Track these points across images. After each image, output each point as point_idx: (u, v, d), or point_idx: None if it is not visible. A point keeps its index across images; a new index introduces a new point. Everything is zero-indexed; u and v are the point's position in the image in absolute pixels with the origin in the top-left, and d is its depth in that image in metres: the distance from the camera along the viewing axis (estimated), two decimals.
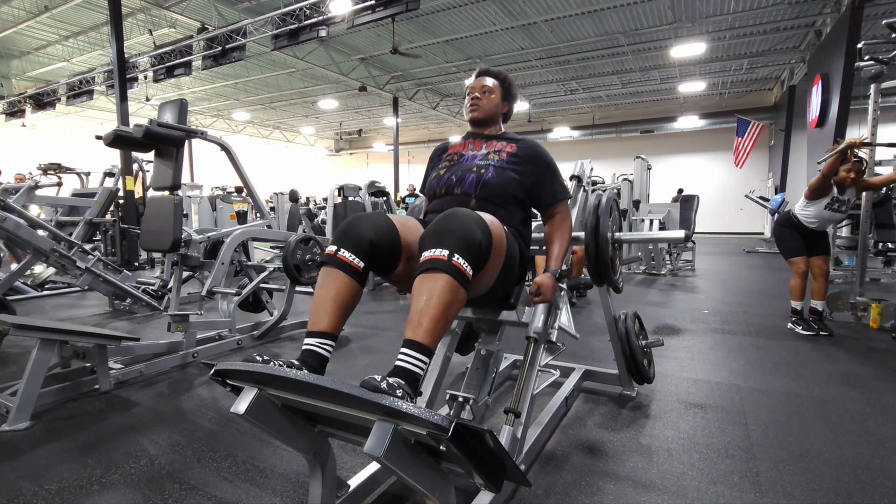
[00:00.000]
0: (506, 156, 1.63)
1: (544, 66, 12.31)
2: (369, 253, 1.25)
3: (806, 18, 9.24)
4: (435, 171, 1.72)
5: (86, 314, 4.42)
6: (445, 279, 1.12)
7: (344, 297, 1.22)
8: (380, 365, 2.88)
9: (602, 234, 1.82)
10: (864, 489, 1.58)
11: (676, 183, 14.90)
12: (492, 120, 1.74)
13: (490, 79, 1.73)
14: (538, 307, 1.64)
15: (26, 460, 1.78)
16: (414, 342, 1.10)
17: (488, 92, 1.72)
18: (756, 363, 2.91)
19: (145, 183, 7.23)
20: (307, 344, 1.20)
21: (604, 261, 1.83)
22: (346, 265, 1.23)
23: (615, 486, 1.61)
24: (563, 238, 1.65)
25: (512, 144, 1.67)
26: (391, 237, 1.30)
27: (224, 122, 19.53)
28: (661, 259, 6.94)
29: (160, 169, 2.96)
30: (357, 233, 1.25)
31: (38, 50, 11.70)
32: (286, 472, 1.69)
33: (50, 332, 2.14)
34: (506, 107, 1.77)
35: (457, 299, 1.14)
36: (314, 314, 1.21)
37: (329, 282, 1.23)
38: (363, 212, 1.38)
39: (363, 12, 7.34)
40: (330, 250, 1.25)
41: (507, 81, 1.76)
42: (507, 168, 1.60)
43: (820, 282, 3.56)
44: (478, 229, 1.19)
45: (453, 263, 1.12)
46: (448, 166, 1.67)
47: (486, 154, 1.65)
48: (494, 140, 1.71)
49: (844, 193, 3.46)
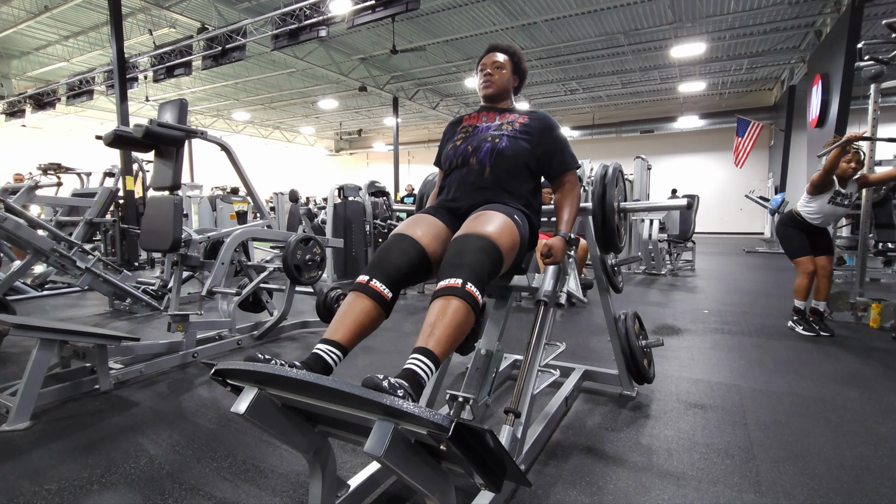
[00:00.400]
0: (518, 126, 1.69)
1: (544, 66, 12.30)
2: (399, 283, 1.35)
3: (806, 18, 9.24)
4: (451, 142, 1.78)
5: (86, 314, 4.42)
6: (459, 302, 1.22)
7: (366, 318, 1.28)
8: (380, 365, 2.88)
9: (609, 202, 1.91)
10: (864, 489, 1.58)
11: (676, 183, 14.90)
12: (504, 94, 1.81)
13: (501, 54, 1.79)
14: (548, 271, 1.68)
15: (26, 460, 1.78)
16: (425, 349, 1.15)
17: (500, 67, 1.78)
18: (756, 363, 2.91)
19: (145, 183, 7.23)
20: (316, 349, 1.22)
21: (610, 228, 1.91)
22: (376, 293, 1.31)
23: (615, 486, 1.60)
24: (573, 205, 1.72)
25: (524, 116, 1.74)
26: (422, 262, 1.41)
27: (224, 122, 19.52)
28: (661, 259, 6.94)
29: (160, 169, 2.96)
30: (389, 263, 1.36)
31: (38, 50, 11.70)
32: (286, 472, 1.69)
33: (50, 332, 2.14)
34: (516, 80, 1.83)
35: (467, 321, 1.23)
36: (333, 325, 1.27)
37: (356, 301, 1.30)
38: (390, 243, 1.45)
39: (363, 12, 7.33)
40: (362, 280, 1.33)
41: (517, 55, 1.82)
42: (520, 138, 1.66)
43: (824, 282, 3.55)
44: (488, 261, 1.30)
45: (467, 290, 1.23)
46: (464, 137, 1.74)
47: (500, 125, 1.71)
48: (507, 112, 1.78)
49: (847, 187, 3.46)
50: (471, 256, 1.30)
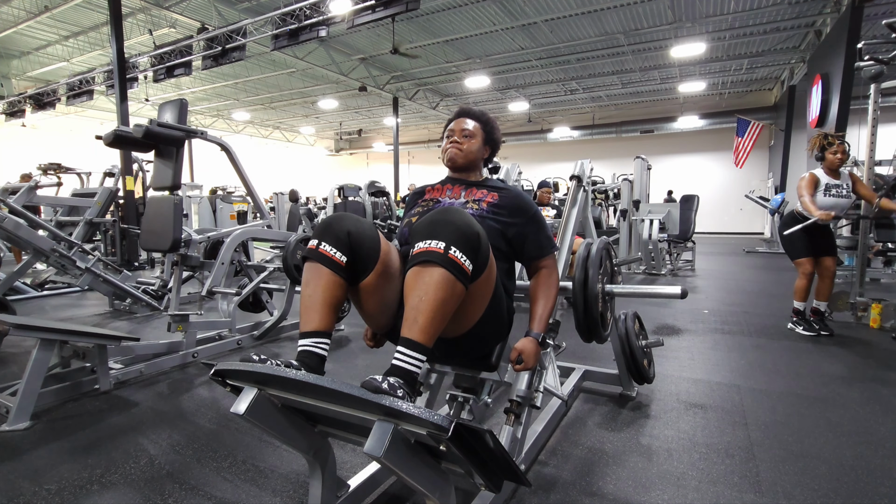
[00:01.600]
0: (486, 206, 1.51)
1: (544, 66, 12.30)
2: (350, 247, 1.22)
3: (806, 18, 9.23)
4: (408, 217, 1.61)
5: (86, 314, 4.42)
6: (441, 273, 1.07)
7: (330, 293, 1.20)
8: (380, 365, 2.88)
9: (591, 290, 1.66)
10: (864, 489, 1.58)
11: (676, 183, 14.90)
12: (472, 165, 1.62)
13: (471, 121, 1.61)
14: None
15: (26, 460, 1.78)
16: (410, 341, 1.07)
17: (469, 136, 1.59)
18: (756, 363, 2.91)
19: (145, 183, 7.22)
20: (302, 345, 1.18)
21: (593, 318, 1.68)
22: (328, 259, 1.20)
23: (615, 486, 1.61)
24: (549, 296, 1.50)
25: (493, 194, 1.54)
26: (372, 239, 1.26)
27: (224, 122, 19.52)
28: (661, 259, 6.94)
29: (160, 169, 2.96)
30: (339, 226, 1.23)
31: (38, 50, 11.70)
32: (286, 472, 1.69)
33: (50, 332, 2.14)
34: (487, 151, 1.65)
35: (454, 296, 1.09)
36: (304, 314, 1.20)
37: (314, 279, 1.21)
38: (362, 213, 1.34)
39: (363, 12, 7.33)
40: (312, 244, 1.23)
41: (490, 124, 1.64)
42: (488, 217, 1.48)
43: (826, 282, 3.55)
44: (476, 224, 1.15)
45: (450, 257, 1.07)
46: (421, 213, 1.55)
47: (465, 203, 1.53)
48: (475, 188, 1.58)
49: (839, 178, 3.47)
50: (455, 214, 1.13)
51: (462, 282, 1.10)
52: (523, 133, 18.64)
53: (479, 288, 1.23)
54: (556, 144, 18.64)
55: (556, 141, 18.45)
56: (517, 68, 12.48)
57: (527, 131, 18.53)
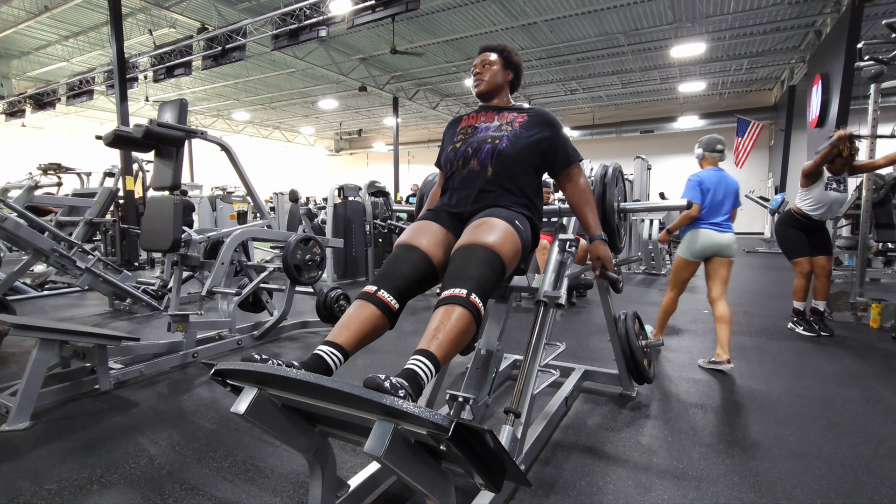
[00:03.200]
0: (518, 125, 1.69)
1: (544, 66, 12.30)
2: (405, 294, 1.37)
3: (806, 18, 9.24)
4: (451, 143, 1.77)
5: (86, 314, 4.42)
6: (462, 311, 1.24)
7: (371, 325, 1.29)
8: (380, 365, 2.88)
9: (609, 202, 1.91)
10: (864, 489, 1.58)
11: (676, 183, 14.88)
12: (497, 90, 1.80)
13: (491, 53, 1.80)
14: (547, 271, 1.69)
15: (26, 460, 1.78)
16: (427, 352, 1.16)
17: (489, 65, 1.78)
18: (756, 363, 2.91)
19: (145, 183, 7.22)
20: (318, 350, 1.21)
21: (611, 227, 1.91)
22: (383, 303, 1.31)
23: (615, 486, 1.60)
24: (589, 201, 1.73)
25: (522, 115, 1.73)
26: (428, 272, 1.44)
27: (224, 122, 19.52)
28: (661, 259, 6.94)
29: (160, 169, 2.96)
30: (398, 274, 1.38)
31: (38, 50, 11.70)
32: (286, 472, 1.69)
33: (50, 332, 2.14)
34: (509, 75, 1.82)
35: (469, 329, 1.25)
36: (337, 328, 1.28)
37: (363, 308, 1.30)
38: (398, 255, 1.48)
39: (363, 12, 7.33)
40: (370, 290, 1.34)
41: (506, 51, 1.81)
42: (521, 136, 1.66)
43: (822, 281, 3.56)
44: (490, 272, 1.33)
45: (471, 301, 1.26)
46: (463, 139, 1.73)
47: (500, 126, 1.70)
48: (505, 111, 1.76)
49: (839, 174, 3.47)
50: (475, 268, 1.33)
51: (476, 319, 1.28)
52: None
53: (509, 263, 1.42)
54: None
55: None
56: None
57: None
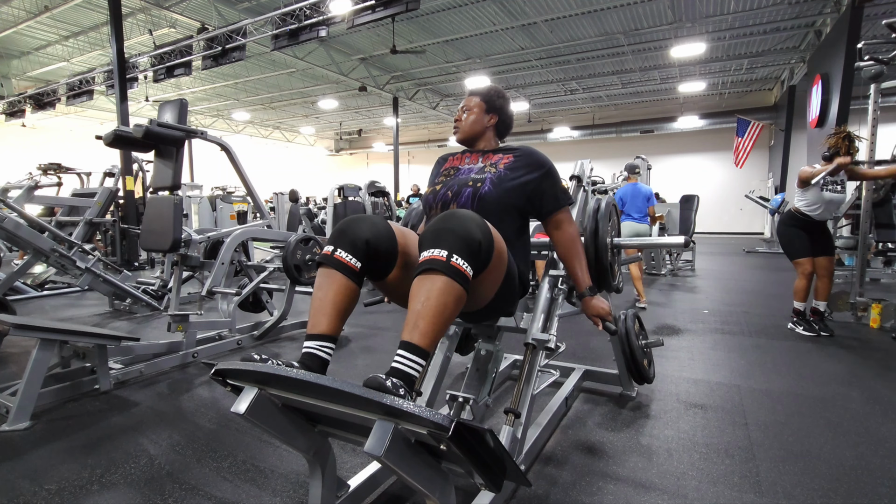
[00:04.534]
0: (503, 167, 1.59)
1: (544, 66, 12.29)
2: (366, 254, 1.25)
3: (806, 18, 9.23)
4: (431, 185, 1.71)
5: (86, 314, 4.42)
6: (444, 280, 1.10)
7: (342, 298, 1.21)
8: (379, 365, 2.88)
9: (601, 239, 1.83)
10: (864, 489, 1.58)
11: (677, 183, 14.90)
12: (477, 136, 1.73)
13: (474, 97, 1.74)
14: (536, 311, 1.64)
15: (26, 460, 1.78)
16: (410, 344, 1.08)
17: (468, 111, 1.72)
18: (756, 363, 2.91)
19: (145, 183, 7.22)
20: (307, 347, 1.19)
21: (603, 266, 1.84)
22: (343, 265, 1.22)
23: (615, 486, 1.61)
24: (578, 252, 1.63)
25: (508, 156, 1.64)
26: (389, 240, 1.29)
27: (224, 122, 19.51)
28: (661, 259, 6.94)
29: (160, 169, 2.96)
30: (354, 233, 1.25)
31: (38, 50, 11.69)
32: (286, 472, 1.69)
33: (50, 332, 2.14)
34: (493, 119, 1.73)
35: (455, 301, 1.12)
36: (313, 317, 1.21)
37: (326, 283, 1.22)
38: (362, 213, 1.37)
39: (363, 12, 7.33)
40: (327, 250, 1.25)
41: (489, 94, 1.73)
42: (505, 179, 1.56)
43: (824, 282, 3.55)
44: (477, 229, 1.17)
45: (452, 264, 1.11)
46: (444, 181, 1.64)
47: (483, 167, 1.62)
48: (491, 153, 1.68)
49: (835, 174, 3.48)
50: (457, 222, 1.16)
51: (464, 286, 1.13)
52: (523, 133, 18.62)
53: (490, 273, 1.27)
54: (556, 144, 18.61)
55: (556, 141, 18.43)
56: (517, 68, 12.47)
57: (527, 131, 18.51)
